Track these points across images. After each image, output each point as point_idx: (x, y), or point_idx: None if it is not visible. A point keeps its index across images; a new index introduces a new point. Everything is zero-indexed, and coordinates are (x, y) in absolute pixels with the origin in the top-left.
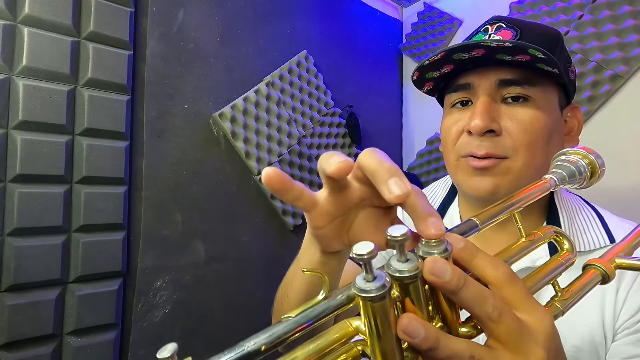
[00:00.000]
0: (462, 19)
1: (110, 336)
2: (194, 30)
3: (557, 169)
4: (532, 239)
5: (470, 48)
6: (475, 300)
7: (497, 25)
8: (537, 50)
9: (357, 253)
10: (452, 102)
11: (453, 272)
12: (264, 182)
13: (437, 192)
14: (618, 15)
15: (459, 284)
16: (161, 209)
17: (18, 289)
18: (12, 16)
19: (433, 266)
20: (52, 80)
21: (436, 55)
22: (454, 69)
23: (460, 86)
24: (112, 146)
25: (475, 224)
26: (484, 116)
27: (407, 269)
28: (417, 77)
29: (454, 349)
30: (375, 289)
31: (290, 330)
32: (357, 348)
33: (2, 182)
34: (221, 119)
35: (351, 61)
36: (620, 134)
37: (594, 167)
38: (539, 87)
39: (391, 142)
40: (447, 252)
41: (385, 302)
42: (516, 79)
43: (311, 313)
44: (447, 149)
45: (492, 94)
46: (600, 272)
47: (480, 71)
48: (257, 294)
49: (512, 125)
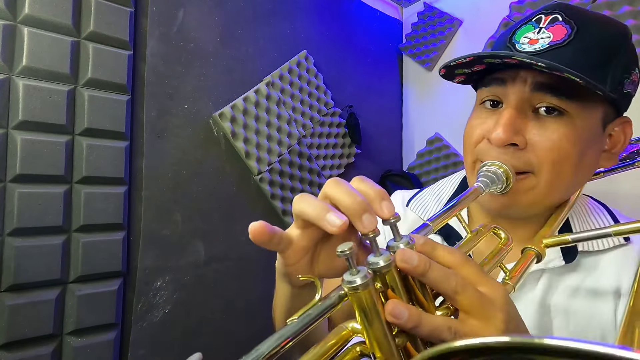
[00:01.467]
0: (462, 19)
1: (110, 336)
2: (194, 30)
3: (482, 177)
4: (476, 233)
5: (500, 58)
6: (441, 279)
7: (552, 17)
8: (575, 77)
9: (340, 250)
10: (482, 99)
11: (419, 258)
12: (251, 237)
13: (444, 189)
14: (618, 15)
15: (425, 267)
16: (161, 209)
17: (18, 289)
18: (12, 16)
19: (403, 255)
20: (52, 80)
21: (464, 58)
22: (486, 68)
23: (494, 80)
24: (112, 146)
25: (429, 227)
26: (507, 128)
27: (383, 260)
28: (444, 73)
29: (434, 323)
30: (360, 278)
31: (297, 331)
32: (355, 350)
33: (2, 182)
34: (221, 119)
35: (351, 61)
36: None
37: (508, 174)
38: (577, 100)
39: (391, 142)
40: (411, 244)
41: (370, 290)
42: (552, 84)
43: (312, 313)
44: (466, 149)
45: (523, 102)
46: (534, 252)
47: (517, 70)
48: (257, 294)
49: (539, 140)
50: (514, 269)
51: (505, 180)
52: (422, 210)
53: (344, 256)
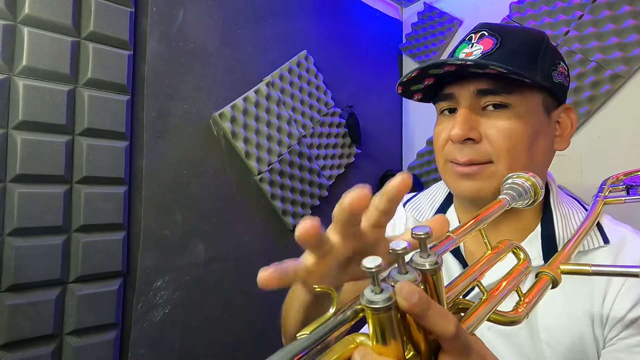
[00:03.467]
0: (462, 19)
1: (110, 336)
2: (194, 30)
3: (508, 190)
4: (496, 251)
5: (440, 66)
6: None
7: (480, 34)
8: (499, 67)
9: (366, 266)
10: (440, 110)
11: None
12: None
13: (437, 194)
14: (618, 15)
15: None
16: (161, 209)
17: (18, 289)
18: (12, 16)
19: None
20: (52, 80)
21: (411, 73)
22: (436, 81)
23: (445, 96)
24: (112, 146)
25: (453, 239)
26: (463, 126)
27: (409, 279)
28: (401, 91)
29: (442, 312)
30: (382, 301)
31: (307, 346)
32: None
33: (2, 182)
34: (221, 119)
35: (351, 61)
36: (621, 133)
37: (536, 188)
38: (517, 94)
39: (391, 142)
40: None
41: (391, 314)
42: (492, 88)
43: (323, 329)
44: (437, 154)
45: (472, 103)
46: (550, 278)
47: (460, 82)
48: (257, 294)
49: (492, 132)
50: (528, 293)
51: (534, 195)
52: (417, 213)
53: (370, 274)
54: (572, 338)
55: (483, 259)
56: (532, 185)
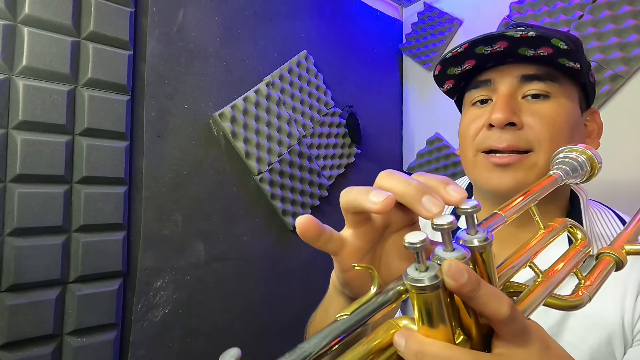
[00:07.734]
0: (462, 19)
1: (110, 336)
2: (194, 30)
3: (560, 165)
4: (550, 230)
5: (493, 40)
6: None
7: (518, 29)
8: (561, 40)
9: (409, 242)
10: (472, 100)
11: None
12: (299, 232)
13: None
14: (618, 15)
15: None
16: (161, 209)
17: (18, 289)
18: (12, 16)
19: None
20: (52, 80)
21: (459, 47)
22: (476, 66)
23: (481, 82)
24: (112, 146)
25: (501, 216)
26: (505, 108)
27: (457, 256)
28: (439, 71)
29: (493, 292)
30: (428, 279)
31: (348, 328)
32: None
33: (2, 182)
34: (221, 119)
35: (351, 61)
36: (621, 133)
37: (593, 161)
38: (560, 83)
39: (391, 142)
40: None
41: (439, 293)
42: (538, 74)
43: (367, 308)
44: (465, 146)
45: (513, 90)
46: (613, 259)
47: (502, 68)
48: (257, 294)
49: (533, 120)
50: (589, 276)
51: (590, 170)
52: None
53: (414, 250)
54: (600, 338)
55: (535, 239)
56: (589, 159)
